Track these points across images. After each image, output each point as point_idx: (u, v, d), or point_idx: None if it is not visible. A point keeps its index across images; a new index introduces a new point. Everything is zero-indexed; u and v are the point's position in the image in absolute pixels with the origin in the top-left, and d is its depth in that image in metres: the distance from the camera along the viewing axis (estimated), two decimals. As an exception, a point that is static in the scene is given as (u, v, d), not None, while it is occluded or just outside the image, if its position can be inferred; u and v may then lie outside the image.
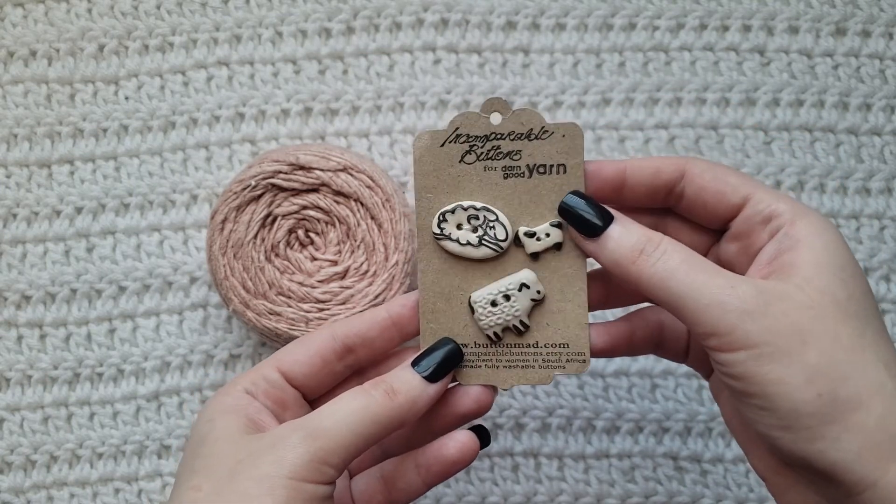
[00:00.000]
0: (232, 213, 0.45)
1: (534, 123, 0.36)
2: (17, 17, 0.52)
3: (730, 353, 0.31)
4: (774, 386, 0.31)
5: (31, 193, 0.51)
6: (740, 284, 0.32)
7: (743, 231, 0.35)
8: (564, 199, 0.36)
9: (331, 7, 0.52)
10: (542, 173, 0.37)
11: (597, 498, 0.50)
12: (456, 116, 0.37)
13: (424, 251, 0.38)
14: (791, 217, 0.33)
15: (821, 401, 0.30)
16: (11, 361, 0.51)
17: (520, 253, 0.37)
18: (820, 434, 0.30)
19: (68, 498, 0.50)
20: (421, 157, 0.37)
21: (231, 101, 0.51)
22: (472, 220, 0.37)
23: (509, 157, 0.37)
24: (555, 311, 0.37)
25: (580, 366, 0.37)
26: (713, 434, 0.50)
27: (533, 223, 0.37)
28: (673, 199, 0.36)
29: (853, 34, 0.52)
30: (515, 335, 0.37)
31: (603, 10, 0.52)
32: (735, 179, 0.35)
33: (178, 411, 0.51)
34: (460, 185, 0.37)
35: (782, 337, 0.31)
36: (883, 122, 0.51)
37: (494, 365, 0.38)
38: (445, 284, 0.38)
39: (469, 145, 0.37)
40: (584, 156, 0.36)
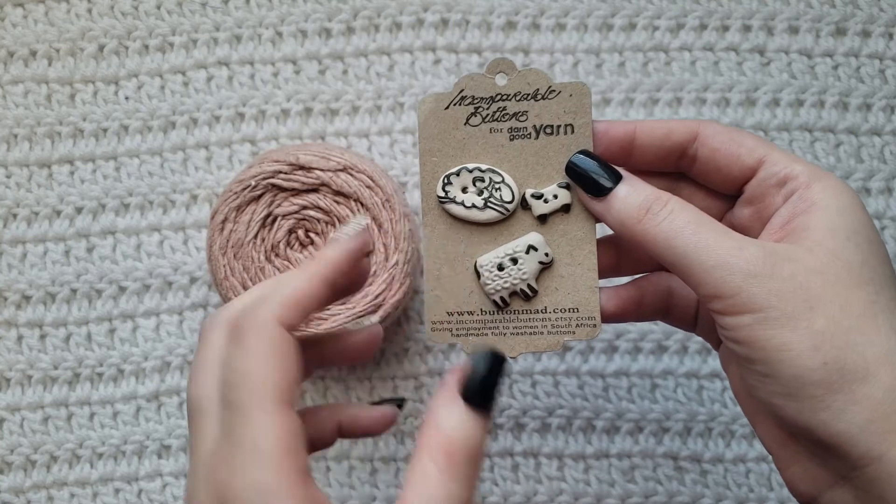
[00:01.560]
0: (232, 213, 0.45)
1: (540, 83, 0.36)
2: (17, 17, 0.52)
3: (734, 316, 0.30)
4: (778, 352, 0.30)
5: (32, 193, 0.51)
6: (748, 246, 0.31)
7: (757, 194, 0.34)
8: (572, 158, 0.35)
9: (331, 7, 0.52)
10: (550, 134, 0.36)
11: (597, 498, 0.50)
12: (461, 78, 0.36)
13: (429, 216, 0.36)
14: (807, 180, 0.32)
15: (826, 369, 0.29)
16: (11, 361, 0.51)
17: (527, 216, 0.36)
18: (825, 404, 0.29)
19: (68, 498, 0.50)
20: (425, 121, 0.36)
21: (231, 101, 0.52)
22: (478, 183, 0.36)
23: (515, 119, 0.36)
24: (563, 275, 0.36)
25: (591, 330, 0.36)
26: (713, 434, 0.50)
27: (540, 185, 0.36)
28: (686, 163, 0.35)
29: (853, 34, 0.52)
30: (523, 300, 0.36)
31: (603, 10, 0.52)
32: (750, 141, 0.34)
33: (178, 411, 0.51)
34: (466, 147, 0.36)
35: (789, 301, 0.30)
36: (883, 122, 0.51)
37: (502, 332, 0.37)
38: (450, 250, 0.36)
39: (474, 107, 0.36)
40: (591, 115, 0.35)
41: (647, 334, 0.50)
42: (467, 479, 0.29)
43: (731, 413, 0.50)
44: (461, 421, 0.29)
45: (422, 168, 0.36)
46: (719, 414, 0.50)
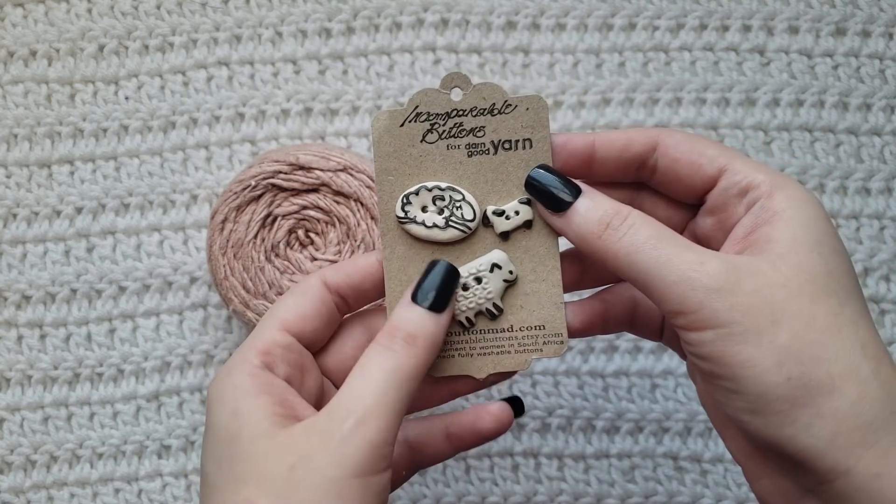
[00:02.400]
0: (232, 213, 0.45)
1: (496, 98, 0.35)
2: (17, 17, 0.52)
3: (697, 332, 0.30)
4: (743, 368, 0.29)
5: (32, 193, 0.51)
6: (710, 260, 0.30)
7: (719, 204, 0.33)
8: (530, 173, 0.34)
9: (331, 7, 0.52)
10: (508, 149, 0.35)
11: (597, 498, 0.50)
12: (415, 94, 0.35)
13: (387, 237, 0.36)
14: (769, 189, 0.32)
15: (791, 384, 0.29)
16: (11, 361, 0.51)
17: (489, 233, 0.36)
18: (790, 419, 0.29)
19: (68, 498, 0.50)
20: (380, 139, 0.35)
21: (231, 101, 0.52)
22: (438, 202, 0.35)
23: (473, 134, 0.35)
24: (528, 292, 0.36)
25: (557, 347, 0.36)
26: (713, 434, 0.50)
27: (501, 201, 0.35)
28: (646, 173, 0.35)
29: (853, 34, 0.52)
30: (489, 319, 0.36)
31: (603, 11, 0.52)
32: (711, 150, 0.33)
33: (178, 411, 0.51)
34: (423, 165, 0.35)
35: (752, 316, 0.29)
36: (883, 122, 0.51)
37: (468, 353, 0.36)
38: (412, 271, 0.35)
39: (430, 123, 0.35)
40: (549, 129, 0.35)
41: (647, 334, 0.50)
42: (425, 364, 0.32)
43: (731, 413, 0.50)
44: (419, 316, 0.32)
45: (378, 187, 0.36)
46: (719, 414, 0.50)
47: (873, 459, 0.28)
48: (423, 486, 0.50)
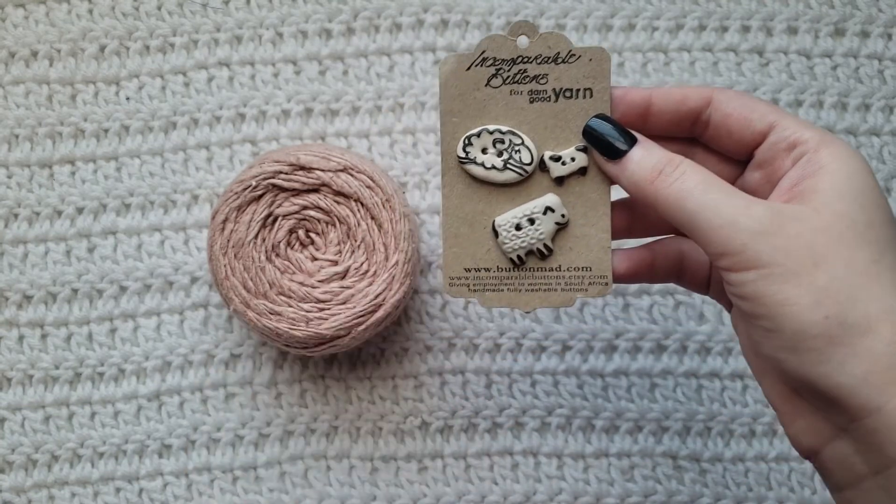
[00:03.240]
0: (233, 213, 0.46)
1: (561, 47, 0.36)
2: (18, 17, 0.52)
3: (740, 272, 0.31)
4: (782, 307, 0.30)
5: (33, 193, 0.52)
6: (755, 205, 0.32)
7: (767, 158, 0.34)
8: (589, 121, 0.36)
9: (331, 8, 0.52)
10: (569, 97, 0.36)
11: (596, 497, 0.50)
12: (483, 40, 0.36)
13: (448, 176, 0.37)
14: (816, 144, 0.33)
15: (828, 323, 0.30)
16: (13, 361, 0.51)
17: (544, 178, 0.37)
18: (826, 357, 0.30)
19: (69, 497, 0.50)
20: (446, 81, 0.37)
21: (232, 101, 0.52)
22: (498, 144, 0.37)
23: (536, 81, 0.36)
24: (578, 235, 0.37)
25: (602, 288, 0.37)
26: (712, 433, 0.50)
27: (558, 147, 0.37)
28: (699, 128, 0.36)
29: (852, 35, 0.52)
30: (539, 259, 0.37)
31: (602, 11, 0.52)
32: (762, 107, 0.35)
33: (179, 411, 0.51)
34: (486, 109, 0.37)
35: (793, 258, 0.30)
36: (882, 122, 0.51)
37: (517, 288, 0.38)
38: (469, 209, 0.37)
39: (495, 69, 0.36)
40: (610, 80, 0.36)
41: (647, 334, 0.50)
42: None
43: (729, 412, 0.50)
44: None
45: (442, 128, 0.37)
46: (718, 413, 0.50)
47: None
48: (423, 485, 0.50)
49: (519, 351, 0.50)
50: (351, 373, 0.51)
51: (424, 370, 0.50)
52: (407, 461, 0.50)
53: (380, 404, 0.51)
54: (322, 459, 0.50)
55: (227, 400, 0.51)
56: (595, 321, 0.51)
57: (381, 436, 0.50)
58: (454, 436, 0.50)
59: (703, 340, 0.50)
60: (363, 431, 0.51)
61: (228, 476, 0.50)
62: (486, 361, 0.50)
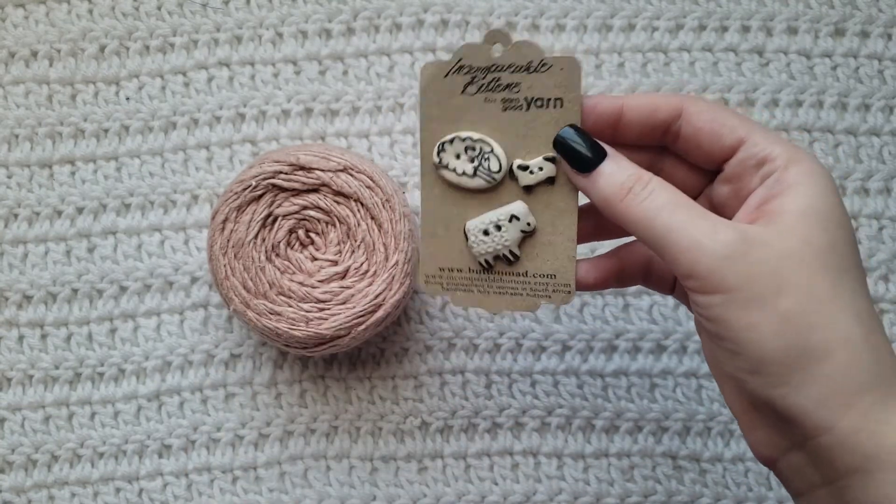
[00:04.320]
0: (233, 213, 0.46)
1: (533, 56, 0.36)
2: (18, 17, 0.52)
3: (706, 295, 0.32)
4: (745, 332, 0.31)
5: (33, 193, 0.52)
6: (722, 229, 0.32)
7: (736, 173, 0.35)
8: (559, 132, 0.36)
9: (331, 8, 0.52)
10: (540, 106, 0.36)
11: (596, 497, 0.50)
12: (460, 47, 0.37)
13: (426, 178, 0.38)
14: (784, 162, 0.33)
15: (788, 350, 0.31)
16: (13, 361, 0.51)
17: (514, 185, 0.38)
18: (785, 380, 0.31)
19: (69, 497, 0.50)
20: (426, 87, 0.37)
21: (232, 101, 0.52)
22: (469, 151, 0.37)
23: (509, 90, 0.37)
24: (545, 242, 0.38)
25: (565, 297, 0.38)
26: (712, 433, 0.50)
27: (528, 156, 0.37)
28: (669, 138, 0.36)
29: (852, 35, 0.52)
30: (506, 264, 0.38)
31: (602, 11, 0.52)
32: (732, 121, 0.35)
33: (179, 411, 0.51)
34: (462, 115, 0.37)
35: (758, 284, 0.31)
36: (881, 122, 0.51)
37: (486, 291, 0.39)
38: (444, 212, 0.39)
39: (471, 76, 0.37)
40: (581, 90, 0.36)
41: (647, 334, 0.50)
42: None
43: (729, 413, 0.50)
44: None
45: (422, 133, 0.38)
46: (718, 413, 0.50)
47: (855, 417, 0.31)
48: (423, 485, 0.50)
49: (519, 351, 0.51)
50: (351, 373, 0.51)
51: (424, 370, 0.51)
52: (407, 461, 0.50)
53: (380, 404, 0.51)
54: (322, 459, 0.50)
55: (227, 400, 0.51)
56: (595, 321, 0.51)
57: (380, 436, 0.50)
58: (454, 436, 0.50)
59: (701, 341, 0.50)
60: (363, 431, 0.51)
61: (228, 476, 0.50)
62: (486, 361, 0.50)
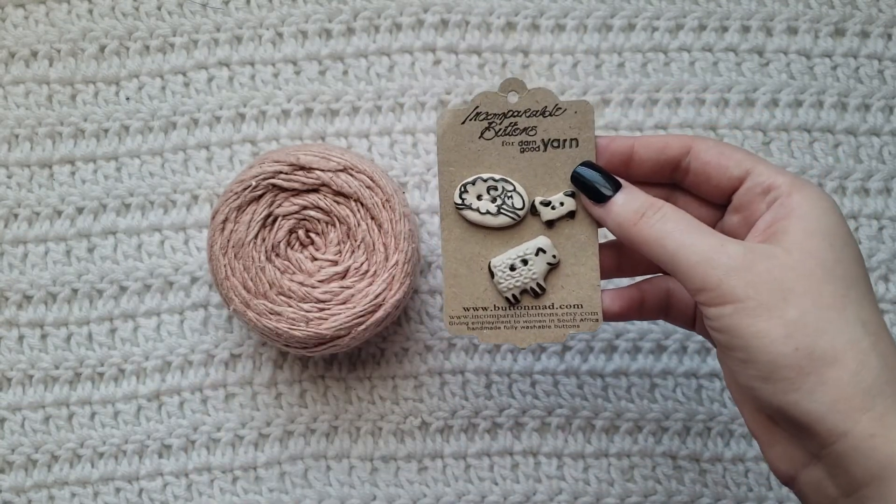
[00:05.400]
0: (233, 213, 0.46)
1: (548, 101, 0.39)
2: (18, 17, 0.52)
3: (716, 307, 0.33)
4: (755, 339, 0.32)
5: (33, 193, 0.52)
6: (729, 244, 0.34)
7: (744, 202, 0.37)
8: (576, 168, 0.39)
9: (331, 8, 0.52)
10: (557, 147, 0.39)
11: (596, 497, 0.50)
12: (476, 96, 0.39)
13: (447, 221, 0.40)
14: (788, 189, 0.35)
15: (798, 354, 0.32)
16: (13, 361, 0.51)
17: (535, 222, 0.40)
18: (796, 385, 0.32)
19: (69, 497, 0.50)
20: (444, 134, 0.40)
21: (232, 101, 0.52)
22: (492, 191, 0.39)
23: (525, 133, 0.39)
24: (569, 274, 0.40)
25: (593, 324, 0.40)
26: (712, 434, 0.50)
27: (548, 193, 0.39)
28: (679, 174, 0.38)
29: (852, 35, 0.52)
30: (532, 297, 0.40)
31: (602, 11, 0.52)
32: (738, 155, 0.37)
33: (179, 411, 0.51)
34: (480, 159, 0.39)
35: (765, 293, 0.33)
36: (881, 122, 0.51)
37: (513, 326, 0.40)
38: (466, 252, 0.40)
39: (488, 122, 0.39)
40: (594, 130, 0.39)
41: (647, 334, 0.50)
42: None
43: (729, 413, 0.50)
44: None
45: (440, 177, 0.40)
46: (718, 413, 0.50)
47: (869, 422, 0.31)
48: (423, 485, 0.50)
49: (519, 351, 0.51)
50: (351, 373, 0.51)
51: (424, 370, 0.51)
52: (407, 461, 0.50)
53: (380, 404, 0.51)
54: (322, 459, 0.50)
55: (227, 400, 0.51)
56: (595, 321, 0.51)
57: (380, 436, 0.50)
58: (454, 436, 0.50)
59: (702, 340, 0.50)
60: (363, 431, 0.51)
61: (228, 476, 0.50)
62: (486, 361, 0.51)
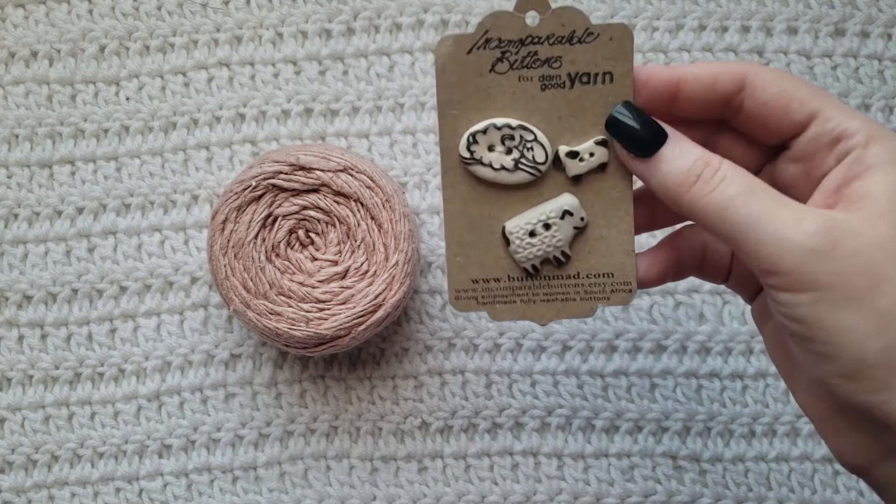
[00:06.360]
0: (233, 213, 0.46)
1: (577, 24, 0.31)
2: (18, 17, 0.52)
3: (792, 293, 0.29)
4: (841, 334, 0.28)
5: (33, 194, 0.52)
6: (806, 218, 0.29)
7: (807, 152, 0.31)
8: (613, 111, 0.32)
9: (331, 8, 0.52)
10: (586, 83, 0.32)
11: (596, 497, 0.50)
12: (485, 17, 0.32)
13: (449, 176, 0.33)
14: (864, 139, 0.30)
15: (890, 350, 0.28)
16: (13, 361, 0.51)
17: (559, 175, 0.33)
18: (885, 385, 0.28)
19: (69, 497, 0.50)
20: (444, 67, 0.32)
21: (232, 101, 0.52)
22: (507, 141, 0.32)
23: (548, 65, 0.32)
24: (597, 237, 0.33)
25: (626, 296, 0.34)
26: (712, 433, 0.50)
27: (574, 141, 0.32)
28: (731, 112, 0.32)
29: (852, 35, 0.52)
30: (555, 266, 0.34)
31: (602, 12, 0.52)
32: (803, 92, 0.31)
33: (179, 411, 0.51)
34: (490, 98, 0.32)
35: (852, 280, 0.28)
36: (881, 122, 0.51)
37: (531, 299, 0.34)
38: (474, 213, 0.33)
39: (501, 51, 0.32)
40: (633, 63, 0.32)
41: (647, 334, 0.50)
42: None
43: (729, 413, 0.50)
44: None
45: (440, 121, 0.32)
46: (718, 413, 0.50)
47: None
48: (423, 485, 0.50)
49: (519, 351, 0.51)
50: (351, 373, 0.51)
51: (424, 370, 0.51)
52: (407, 461, 0.50)
53: (380, 404, 0.51)
54: (322, 459, 0.50)
55: (227, 400, 0.51)
56: (595, 321, 0.51)
57: (381, 436, 0.50)
58: (454, 436, 0.50)
59: (703, 340, 0.50)
60: (363, 431, 0.51)
61: (228, 476, 0.50)
62: (486, 361, 0.51)
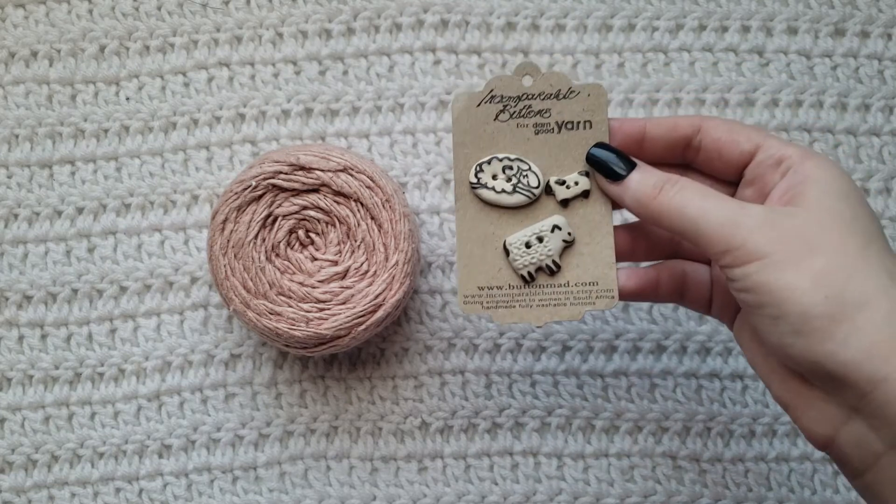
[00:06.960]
0: (233, 213, 0.46)
1: (562, 84, 0.40)
2: (18, 17, 0.52)
3: (742, 266, 0.34)
4: (784, 292, 0.32)
5: (33, 194, 0.52)
6: (750, 206, 0.35)
7: (757, 175, 0.37)
8: (591, 149, 0.39)
9: (331, 8, 0.52)
10: (570, 129, 0.40)
11: (596, 497, 0.50)
12: (491, 79, 0.40)
13: (461, 201, 0.40)
14: (800, 158, 0.36)
15: (828, 302, 0.32)
16: (13, 361, 0.51)
17: (550, 201, 0.40)
18: (829, 334, 0.32)
19: (69, 497, 0.50)
20: (459, 117, 0.40)
21: (232, 101, 0.52)
22: (507, 170, 0.40)
23: (540, 115, 0.40)
24: (584, 252, 0.40)
25: (609, 301, 0.40)
26: (712, 434, 0.50)
27: (562, 174, 0.40)
28: (691, 153, 0.39)
29: (852, 35, 0.52)
30: (548, 275, 0.40)
31: (602, 11, 0.52)
32: (748, 130, 0.38)
33: (179, 411, 0.51)
34: (495, 140, 0.40)
35: (790, 246, 0.33)
36: (881, 122, 0.51)
37: (528, 304, 0.40)
38: (480, 231, 0.40)
39: (503, 105, 0.40)
40: (607, 113, 0.40)
41: (647, 334, 0.50)
42: None
43: (729, 413, 0.50)
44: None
45: (455, 158, 0.40)
46: (718, 414, 0.50)
47: None
48: (423, 485, 0.50)
49: (519, 351, 0.51)
50: (351, 373, 0.51)
51: (424, 370, 0.51)
52: (407, 461, 0.50)
53: (380, 404, 0.51)
54: (322, 459, 0.50)
55: (227, 400, 0.51)
56: (595, 322, 0.51)
57: (381, 436, 0.50)
58: (454, 436, 0.50)
59: (702, 341, 0.50)
60: (363, 431, 0.51)
61: (228, 476, 0.50)
62: (486, 361, 0.51)
